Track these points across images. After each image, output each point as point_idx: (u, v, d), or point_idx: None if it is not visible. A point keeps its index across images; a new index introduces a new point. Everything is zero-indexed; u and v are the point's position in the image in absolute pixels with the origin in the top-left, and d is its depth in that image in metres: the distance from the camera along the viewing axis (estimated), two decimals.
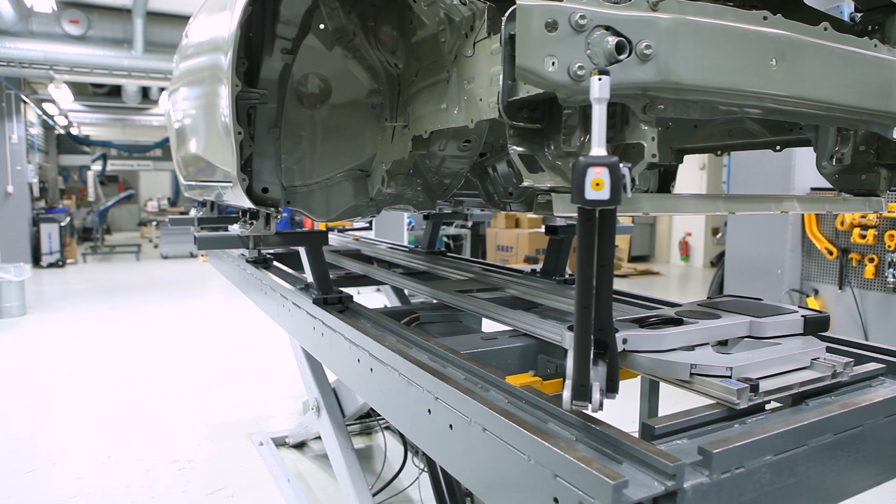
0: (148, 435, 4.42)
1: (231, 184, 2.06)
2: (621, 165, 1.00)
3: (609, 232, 1.08)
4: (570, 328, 1.17)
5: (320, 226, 3.93)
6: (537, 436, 1.13)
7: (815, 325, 1.57)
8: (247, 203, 2.08)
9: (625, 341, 1.39)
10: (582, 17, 1.07)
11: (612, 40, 1.08)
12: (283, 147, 2.15)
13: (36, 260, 12.68)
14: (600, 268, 1.08)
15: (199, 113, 2.30)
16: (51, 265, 12.94)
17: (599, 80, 1.01)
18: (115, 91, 15.27)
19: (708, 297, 2.00)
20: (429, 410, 1.50)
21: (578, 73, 1.07)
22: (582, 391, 1.12)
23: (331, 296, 2.35)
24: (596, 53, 1.08)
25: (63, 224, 13.32)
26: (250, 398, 5.20)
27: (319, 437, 3.77)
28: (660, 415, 1.66)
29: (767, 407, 1.32)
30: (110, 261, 14.73)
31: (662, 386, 2.14)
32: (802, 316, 1.56)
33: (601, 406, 1.13)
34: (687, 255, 13.47)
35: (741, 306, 1.64)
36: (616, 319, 1.51)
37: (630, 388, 2.17)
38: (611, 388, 1.16)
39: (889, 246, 4.65)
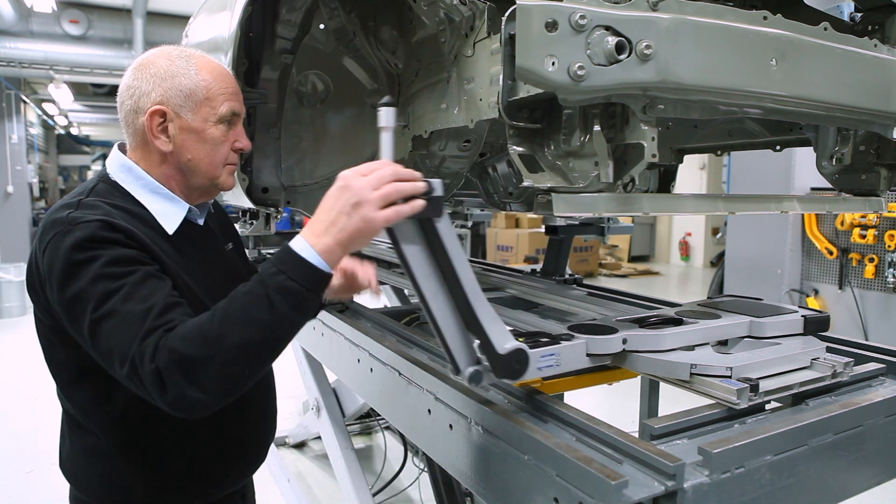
0: None
1: None
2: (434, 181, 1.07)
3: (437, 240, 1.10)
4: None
5: None
6: (537, 436, 1.13)
7: (816, 325, 1.57)
8: (247, 203, 2.08)
9: (624, 341, 1.39)
10: (582, 17, 1.07)
11: (612, 40, 1.08)
12: (283, 147, 2.15)
13: None
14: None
15: None
16: None
17: (384, 111, 1.12)
18: (115, 91, 15.26)
19: (708, 297, 2.00)
20: (429, 410, 1.50)
21: (578, 73, 1.07)
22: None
23: None
24: (596, 53, 1.08)
25: None
26: None
27: (319, 437, 3.77)
28: (660, 415, 1.66)
29: (767, 407, 1.32)
30: None
31: (662, 386, 2.14)
32: (803, 316, 1.56)
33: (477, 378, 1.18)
34: (687, 255, 13.47)
35: (741, 306, 1.64)
36: (616, 319, 1.52)
37: (630, 388, 2.17)
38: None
39: (889, 246, 4.65)
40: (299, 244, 1.02)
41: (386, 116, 1.14)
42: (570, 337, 1.36)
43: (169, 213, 1.24)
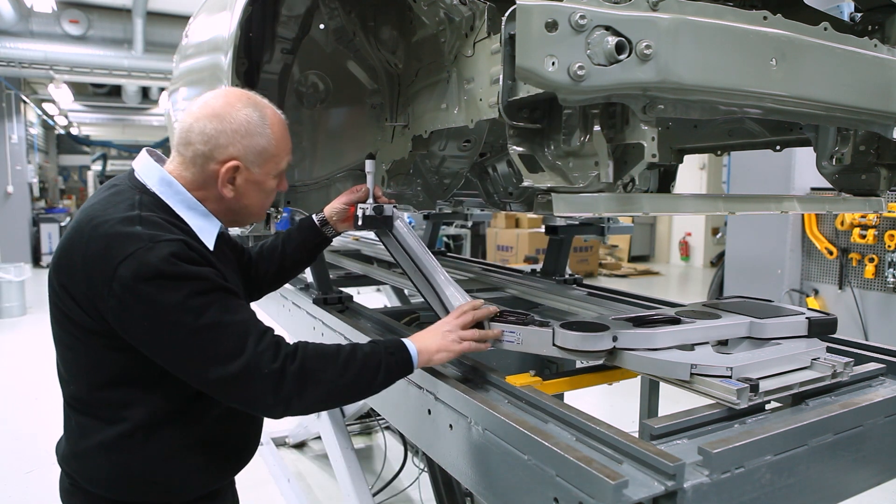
0: None
1: None
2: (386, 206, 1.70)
3: None
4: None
5: None
6: (537, 436, 1.13)
7: (820, 329, 1.55)
8: None
9: (615, 339, 1.38)
10: (582, 17, 1.07)
11: (612, 40, 1.08)
12: None
13: (36, 260, 12.65)
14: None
15: None
16: None
17: (368, 161, 1.68)
18: (115, 91, 15.25)
19: (717, 298, 1.99)
20: (429, 410, 1.50)
21: (578, 73, 1.07)
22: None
23: (331, 296, 2.35)
24: (596, 53, 1.08)
25: (63, 224, 13.30)
26: None
27: (319, 437, 3.77)
28: (660, 415, 1.66)
29: (767, 407, 1.32)
30: None
31: (662, 386, 2.14)
32: (807, 318, 1.54)
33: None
34: (687, 255, 13.47)
35: (744, 307, 1.63)
36: (611, 318, 1.52)
37: (630, 388, 2.17)
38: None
39: (889, 246, 4.65)
40: (412, 346, 1.36)
41: (370, 165, 1.69)
42: (545, 325, 1.45)
43: (206, 228, 1.33)
